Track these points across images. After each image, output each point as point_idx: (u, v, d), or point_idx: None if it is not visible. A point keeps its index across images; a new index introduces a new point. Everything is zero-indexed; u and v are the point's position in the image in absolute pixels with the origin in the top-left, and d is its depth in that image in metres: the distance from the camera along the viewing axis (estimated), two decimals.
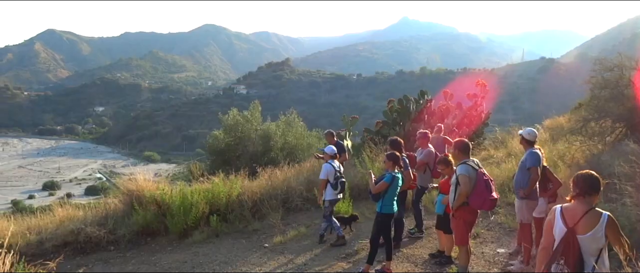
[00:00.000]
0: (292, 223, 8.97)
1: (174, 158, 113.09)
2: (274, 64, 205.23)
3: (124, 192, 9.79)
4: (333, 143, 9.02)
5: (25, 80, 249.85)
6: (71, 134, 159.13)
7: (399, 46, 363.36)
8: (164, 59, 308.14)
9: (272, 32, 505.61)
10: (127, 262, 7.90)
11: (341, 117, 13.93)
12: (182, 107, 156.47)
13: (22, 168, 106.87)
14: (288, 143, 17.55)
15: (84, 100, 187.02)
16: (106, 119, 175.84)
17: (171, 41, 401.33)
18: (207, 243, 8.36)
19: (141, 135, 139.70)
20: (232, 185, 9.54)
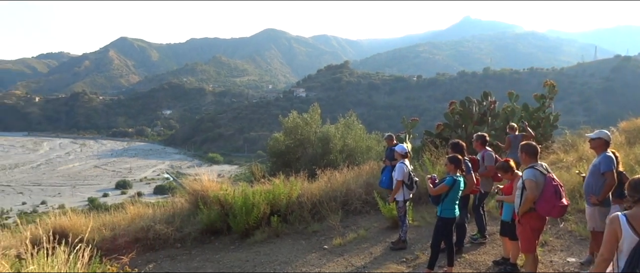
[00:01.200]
0: (352, 225, 8.97)
1: (235, 159, 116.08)
2: (333, 67, 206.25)
3: (189, 191, 10.20)
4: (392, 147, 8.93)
5: (100, 86, 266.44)
6: (141, 136, 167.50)
7: (461, 46, 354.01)
8: (227, 63, 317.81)
9: (331, 35, 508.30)
10: (192, 259, 8.22)
11: (401, 119, 13.77)
12: (244, 110, 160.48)
13: (98, 168, 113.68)
14: (347, 146, 17.57)
15: (152, 104, 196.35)
16: (173, 121, 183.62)
17: (234, 46, 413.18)
18: (268, 243, 8.53)
19: (205, 137, 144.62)
20: (292, 186, 9.68)
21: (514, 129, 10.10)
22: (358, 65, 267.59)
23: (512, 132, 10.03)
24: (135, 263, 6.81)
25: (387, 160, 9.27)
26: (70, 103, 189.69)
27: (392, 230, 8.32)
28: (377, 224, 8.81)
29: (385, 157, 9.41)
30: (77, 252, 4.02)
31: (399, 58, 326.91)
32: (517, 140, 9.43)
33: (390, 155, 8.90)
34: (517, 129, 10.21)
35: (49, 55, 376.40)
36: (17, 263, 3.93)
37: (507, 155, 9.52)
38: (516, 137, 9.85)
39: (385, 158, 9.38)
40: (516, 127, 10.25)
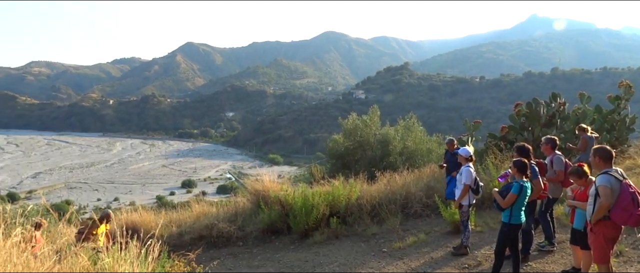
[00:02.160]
0: (412, 229, 8.84)
1: (295, 160, 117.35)
2: (392, 68, 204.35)
3: (251, 192, 10.46)
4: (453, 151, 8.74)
5: (168, 89, 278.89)
6: (206, 137, 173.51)
7: (527, 46, 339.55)
8: (287, 66, 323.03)
9: (391, 37, 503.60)
10: (253, 257, 8.43)
11: (463, 121, 13.39)
12: (304, 112, 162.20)
13: (165, 168, 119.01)
14: (407, 148, 17.32)
15: (216, 106, 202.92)
16: (235, 123, 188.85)
17: (294, 49, 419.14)
18: (327, 244, 8.59)
19: (266, 138, 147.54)
20: (351, 188, 9.69)
21: (585, 129, 9.54)
22: (418, 67, 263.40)
23: (584, 133, 9.48)
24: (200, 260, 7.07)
25: (445, 166, 9.07)
26: (141, 105, 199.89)
27: (453, 235, 8.12)
28: (438, 228, 8.64)
29: (445, 161, 9.20)
30: (147, 247, 4.24)
31: (460, 59, 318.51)
32: (591, 142, 8.93)
33: (452, 160, 8.70)
34: (589, 131, 9.64)
35: (122, 61, 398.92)
36: (94, 256, 4.20)
37: (577, 158, 9.03)
38: (590, 138, 9.31)
39: (444, 163, 9.18)
40: (587, 128, 9.69)
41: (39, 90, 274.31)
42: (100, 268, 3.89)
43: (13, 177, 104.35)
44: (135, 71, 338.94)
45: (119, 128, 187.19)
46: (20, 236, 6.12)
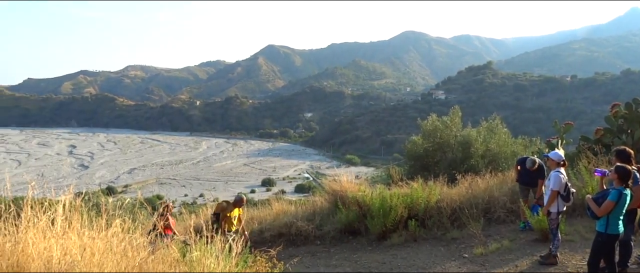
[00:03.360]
0: (494, 235, 8.48)
1: (372, 161, 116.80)
2: (474, 68, 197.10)
3: (329, 191, 10.57)
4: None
5: (250, 90, 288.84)
6: (285, 137, 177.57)
7: (627, 41, 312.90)
8: (365, 67, 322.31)
9: (473, 35, 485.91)
10: (331, 257, 8.52)
11: (552, 123, 12.61)
12: (381, 113, 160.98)
13: (246, 166, 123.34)
14: (490, 151, 16.62)
15: (295, 107, 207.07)
16: (314, 123, 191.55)
17: (372, 49, 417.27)
18: (405, 246, 8.47)
19: (343, 139, 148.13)
20: (430, 191, 9.49)
21: None
22: (503, 66, 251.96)
23: None
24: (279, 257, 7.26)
25: (518, 178, 8.73)
26: (225, 106, 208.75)
27: (541, 243, 7.68)
28: (524, 235, 8.21)
29: (518, 176, 8.76)
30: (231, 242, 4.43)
31: (549, 57, 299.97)
32: None
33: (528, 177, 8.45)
34: None
35: (208, 63, 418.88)
36: (183, 248, 4.46)
37: None
38: None
39: (518, 178, 8.78)
40: None
41: (135, 92, 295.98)
42: (188, 260, 4.12)
43: (111, 172, 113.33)
44: (220, 73, 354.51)
45: (205, 128, 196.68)
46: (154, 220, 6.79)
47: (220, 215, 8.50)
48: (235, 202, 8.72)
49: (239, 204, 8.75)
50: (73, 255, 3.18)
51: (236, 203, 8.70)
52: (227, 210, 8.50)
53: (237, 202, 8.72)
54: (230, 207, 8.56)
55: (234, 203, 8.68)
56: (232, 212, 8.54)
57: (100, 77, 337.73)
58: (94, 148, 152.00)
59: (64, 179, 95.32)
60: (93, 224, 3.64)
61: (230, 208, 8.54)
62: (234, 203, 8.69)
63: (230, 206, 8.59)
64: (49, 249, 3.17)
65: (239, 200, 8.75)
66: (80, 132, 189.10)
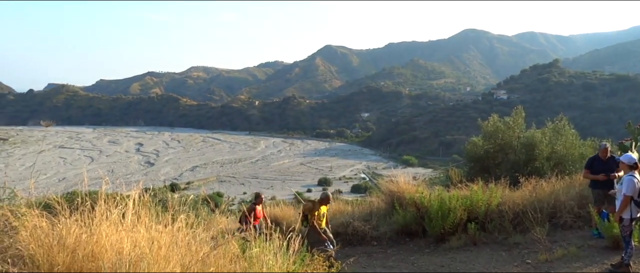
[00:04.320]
0: (560, 241, 8.09)
1: (430, 163, 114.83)
2: (539, 66, 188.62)
3: (386, 192, 10.51)
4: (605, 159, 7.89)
5: (307, 90, 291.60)
6: (341, 137, 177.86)
7: None
8: (424, 66, 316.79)
9: (538, 32, 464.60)
10: (387, 258, 8.45)
11: (625, 124, 11.85)
12: (440, 113, 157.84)
13: (303, 166, 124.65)
14: (556, 153, 15.85)
15: (352, 107, 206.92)
16: (370, 123, 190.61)
17: (431, 48, 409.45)
18: (464, 250, 8.27)
19: (400, 139, 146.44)
20: (491, 193, 9.20)
21: None
22: (570, 64, 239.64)
23: None
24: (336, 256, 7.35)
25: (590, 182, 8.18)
26: (283, 106, 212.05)
27: (611, 250, 7.25)
28: (592, 242, 7.79)
29: (586, 167, 8.29)
30: (289, 240, 4.51)
31: (622, 54, 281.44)
32: None
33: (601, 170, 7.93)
34: None
35: (267, 64, 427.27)
36: (243, 244, 4.59)
37: None
38: None
39: (586, 169, 8.28)
40: None
41: (197, 93, 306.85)
42: (248, 256, 4.24)
43: (175, 169, 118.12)
44: (278, 74, 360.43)
45: (263, 127, 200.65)
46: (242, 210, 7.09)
47: (308, 215, 8.38)
48: (321, 199, 8.59)
49: (326, 202, 8.59)
50: (142, 248, 3.36)
51: (322, 201, 8.56)
52: (314, 209, 8.37)
53: (324, 200, 8.56)
54: (317, 206, 8.43)
55: (320, 201, 8.55)
56: (320, 210, 8.44)
57: (165, 78, 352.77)
58: (159, 146, 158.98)
59: (131, 175, 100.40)
60: (159, 219, 3.84)
61: (317, 207, 8.41)
62: (320, 201, 8.57)
63: (317, 204, 8.45)
64: (120, 241, 3.37)
65: (325, 198, 8.60)
66: (147, 131, 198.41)
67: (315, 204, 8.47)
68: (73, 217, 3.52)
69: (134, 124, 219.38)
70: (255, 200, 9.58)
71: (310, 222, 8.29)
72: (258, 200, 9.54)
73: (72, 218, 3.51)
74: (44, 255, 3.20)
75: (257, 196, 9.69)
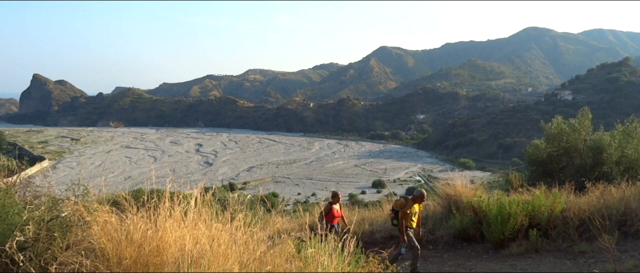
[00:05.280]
0: (631, 251, 7.61)
1: (488, 166, 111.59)
2: (608, 65, 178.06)
3: (442, 195, 10.31)
4: None
5: (362, 92, 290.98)
6: (396, 139, 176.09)
7: None
8: (482, 66, 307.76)
9: (607, 29, 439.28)
10: (444, 262, 8.29)
11: None
12: (499, 115, 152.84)
13: (357, 167, 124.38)
14: (626, 157, 14.93)
15: (407, 108, 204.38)
16: (426, 125, 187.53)
17: (489, 48, 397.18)
18: (525, 257, 7.96)
19: (457, 141, 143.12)
20: (555, 198, 8.80)
21: None
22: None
23: None
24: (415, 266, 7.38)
25: None
26: (337, 108, 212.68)
27: None
28: None
29: None
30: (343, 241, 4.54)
31: None
32: None
33: None
34: None
35: (322, 67, 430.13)
36: (299, 244, 4.66)
37: None
38: None
39: None
40: None
41: (254, 95, 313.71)
42: (303, 256, 4.30)
43: (232, 169, 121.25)
44: (333, 76, 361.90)
45: (318, 129, 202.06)
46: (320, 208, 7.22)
47: (399, 212, 7.98)
48: (415, 197, 8.09)
49: (420, 200, 8.11)
50: (202, 245, 3.50)
51: (416, 199, 8.06)
52: (406, 206, 7.90)
53: (418, 198, 8.07)
54: (410, 203, 7.94)
55: (413, 199, 8.05)
56: (412, 209, 7.98)
57: (224, 81, 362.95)
58: (217, 147, 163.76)
59: (191, 175, 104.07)
60: (219, 217, 3.98)
61: (410, 205, 7.93)
62: (413, 198, 8.06)
63: (410, 202, 7.96)
64: (182, 238, 3.52)
65: (419, 196, 8.09)
66: (206, 132, 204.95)
67: (408, 201, 8.01)
68: (139, 214, 3.71)
69: (194, 125, 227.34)
70: (332, 199, 9.35)
71: (400, 221, 7.87)
72: (335, 199, 9.31)
73: (139, 215, 3.70)
74: (113, 249, 3.39)
75: (334, 195, 9.45)
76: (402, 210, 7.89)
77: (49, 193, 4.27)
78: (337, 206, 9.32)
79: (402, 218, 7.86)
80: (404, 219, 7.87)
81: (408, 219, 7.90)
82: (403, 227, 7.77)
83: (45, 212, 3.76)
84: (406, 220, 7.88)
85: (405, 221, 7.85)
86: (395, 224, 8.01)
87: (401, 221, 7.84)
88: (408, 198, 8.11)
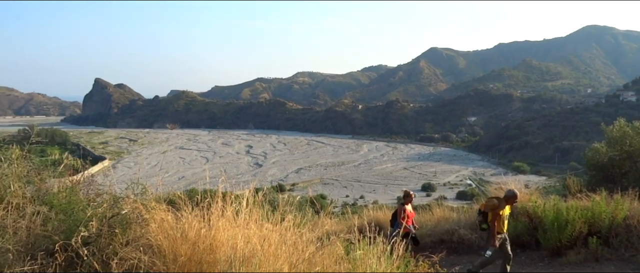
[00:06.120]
0: None
1: (544, 170, 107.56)
2: None
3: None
4: None
5: (411, 94, 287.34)
6: (446, 142, 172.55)
7: None
8: (538, 67, 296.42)
9: None
10: (497, 268, 8.04)
11: None
12: (556, 117, 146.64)
13: (406, 170, 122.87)
14: None
15: (458, 110, 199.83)
16: (477, 128, 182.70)
17: (546, 48, 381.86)
18: (584, 266, 7.61)
19: (510, 145, 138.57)
20: (617, 205, 8.36)
21: None
22: None
23: None
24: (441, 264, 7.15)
25: None
26: (386, 110, 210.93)
27: None
28: None
29: None
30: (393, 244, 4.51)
31: None
32: None
33: None
34: None
35: (370, 68, 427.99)
36: (348, 246, 4.67)
37: None
38: None
39: None
40: None
41: (303, 97, 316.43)
42: (351, 258, 4.31)
43: (281, 171, 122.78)
44: (382, 78, 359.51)
45: (366, 131, 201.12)
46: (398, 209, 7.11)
47: (488, 214, 7.26)
48: (507, 197, 7.32)
49: (512, 200, 7.39)
50: (253, 244, 3.58)
51: (508, 199, 7.31)
52: (500, 207, 7.14)
53: (511, 198, 7.34)
54: (503, 204, 7.18)
55: (506, 199, 7.28)
56: (505, 210, 7.25)
57: (273, 84, 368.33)
58: (267, 148, 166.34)
59: (241, 176, 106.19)
60: (269, 218, 4.06)
61: (503, 206, 7.18)
62: (506, 199, 7.29)
63: (503, 203, 7.19)
64: (234, 237, 3.62)
65: (512, 196, 7.36)
66: (256, 134, 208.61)
67: (500, 202, 7.19)
68: (193, 213, 3.84)
69: (244, 127, 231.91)
70: (404, 199, 9.02)
71: (491, 223, 7.18)
72: (407, 199, 8.96)
73: (193, 213, 3.83)
74: (169, 246, 3.53)
75: (406, 194, 9.10)
76: (495, 212, 7.17)
77: (110, 191, 4.50)
78: (410, 206, 8.94)
79: (493, 221, 7.16)
80: (497, 222, 7.17)
81: (500, 222, 7.20)
82: (494, 231, 7.12)
83: (107, 209, 3.97)
84: (498, 224, 7.20)
85: (497, 224, 7.18)
86: (485, 228, 7.35)
87: (492, 224, 7.14)
88: (500, 198, 7.36)
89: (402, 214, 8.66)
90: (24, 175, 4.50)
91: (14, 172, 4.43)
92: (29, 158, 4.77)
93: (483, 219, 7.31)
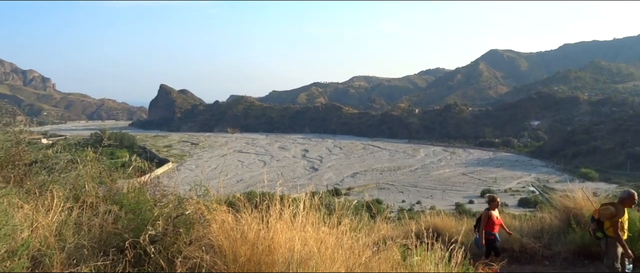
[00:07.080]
0: None
1: (614, 177, 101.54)
2: None
3: (559, 208, 9.59)
4: None
5: (470, 97, 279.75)
6: (507, 147, 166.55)
7: None
8: (607, 68, 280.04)
9: None
10: None
11: None
12: (627, 121, 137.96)
13: (465, 176, 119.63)
14: None
15: (520, 114, 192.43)
16: (541, 132, 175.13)
17: (616, 47, 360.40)
18: None
19: (577, 150, 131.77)
20: None
21: None
22: None
23: None
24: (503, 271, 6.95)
25: None
26: (443, 114, 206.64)
27: None
28: None
29: None
30: (451, 251, 4.43)
31: None
32: None
33: None
34: None
35: (428, 72, 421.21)
36: (404, 251, 4.63)
37: None
38: None
39: None
40: None
41: (359, 101, 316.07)
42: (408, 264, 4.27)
43: (337, 175, 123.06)
44: (439, 81, 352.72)
45: (423, 135, 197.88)
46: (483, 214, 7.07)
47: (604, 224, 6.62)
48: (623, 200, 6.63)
49: (630, 201, 6.64)
50: (310, 247, 3.63)
51: (625, 202, 6.61)
52: (618, 215, 6.44)
53: (627, 200, 6.60)
54: (621, 210, 6.48)
55: (622, 202, 6.60)
56: (624, 216, 6.60)
57: (329, 88, 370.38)
58: (322, 152, 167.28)
59: (298, 179, 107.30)
60: (325, 221, 4.10)
61: (621, 212, 6.47)
62: (622, 202, 6.61)
63: (620, 208, 6.48)
64: (291, 239, 3.68)
65: (629, 197, 6.61)
66: (312, 138, 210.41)
67: (618, 208, 6.47)
68: (253, 215, 3.95)
69: (301, 131, 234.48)
70: (489, 205, 8.56)
71: (614, 233, 6.47)
72: (493, 205, 8.48)
73: (252, 215, 3.94)
74: (229, 247, 3.65)
75: (491, 199, 8.65)
76: (614, 220, 6.46)
77: (175, 192, 4.70)
78: (496, 212, 8.52)
79: (616, 230, 6.45)
80: (620, 230, 6.45)
81: (622, 230, 6.51)
82: (622, 241, 6.43)
83: (172, 210, 4.16)
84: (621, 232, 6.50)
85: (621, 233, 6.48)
86: (600, 237, 6.73)
87: (617, 233, 6.44)
88: (616, 204, 6.63)
89: (486, 220, 8.26)
90: (97, 176, 4.81)
91: (88, 173, 4.74)
92: (101, 160, 5.09)
93: (597, 227, 6.76)
